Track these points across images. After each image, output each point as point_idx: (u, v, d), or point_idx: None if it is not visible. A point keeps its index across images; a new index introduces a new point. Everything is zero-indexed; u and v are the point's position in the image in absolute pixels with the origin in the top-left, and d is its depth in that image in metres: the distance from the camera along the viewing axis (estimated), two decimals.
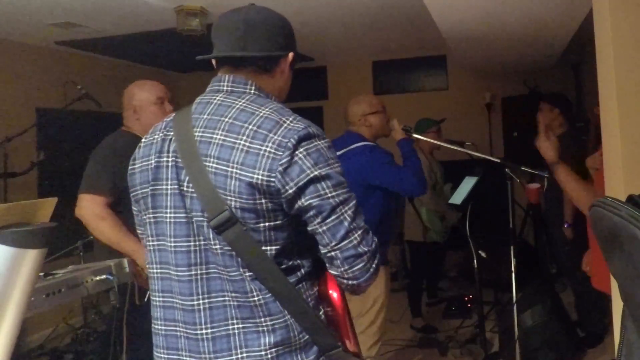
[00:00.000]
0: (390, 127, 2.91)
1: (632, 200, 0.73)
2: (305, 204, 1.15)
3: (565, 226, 3.56)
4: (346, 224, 1.17)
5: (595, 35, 1.85)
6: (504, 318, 3.49)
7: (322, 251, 1.20)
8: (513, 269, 2.87)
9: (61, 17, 3.92)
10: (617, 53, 1.64)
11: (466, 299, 4.61)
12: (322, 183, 1.16)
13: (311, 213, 1.16)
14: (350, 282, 1.21)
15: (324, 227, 1.17)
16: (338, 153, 3.25)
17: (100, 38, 4.55)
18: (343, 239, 1.17)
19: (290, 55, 1.35)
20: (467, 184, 3.48)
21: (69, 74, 4.76)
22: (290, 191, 1.14)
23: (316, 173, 1.15)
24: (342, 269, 1.19)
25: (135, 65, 5.92)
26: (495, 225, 4.16)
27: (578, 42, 4.32)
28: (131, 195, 1.34)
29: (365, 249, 1.19)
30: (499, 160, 2.97)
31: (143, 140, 1.34)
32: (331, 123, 6.27)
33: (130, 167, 1.34)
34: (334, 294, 1.26)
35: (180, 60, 5.85)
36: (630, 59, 1.63)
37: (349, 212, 1.18)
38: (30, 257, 1.45)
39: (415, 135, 2.98)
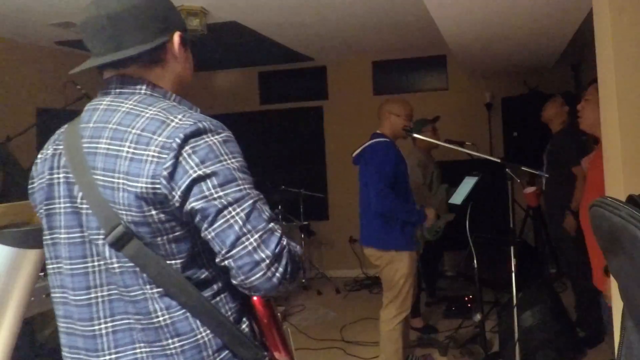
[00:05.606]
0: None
1: (632, 200, 0.73)
2: (189, 208, 1.01)
3: (567, 212, 3.57)
4: (237, 227, 1.01)
5: (595, 35, 1.85)
6: (504, 318, 3.49)
7: (216, 260, 1.05)
8: (513, 269, 2.87)
9: (61, 17, 3.92)
10: (617, 53, 1.64)
11: (466, 299, 4.61)
12: (208, 182, 1.01)
13: (197, 218, 1.02)
14: (252, 292, 1.06)
15: (212, 233, 1.02)
16: (359, 150, 3.30)
17: None
18: (234, 245, 1.01)
19: (177, 35, 1.17)
20: (467, 184, 3.48)
21: (69, 74, 4.75)
22: (177, 197, 1.01)
23: (200, 172, 1.01)
24: (239, 279, 1.03)
25: None
26: (495, 225, 4.16)
27: (578, 42, 4.32)
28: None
29: (264, 255, 1.02)
30: (499, 161, 2.98)
31: (39, 155, 1.20)
32: (331, 123, 6.27)
33: (29, 187, 1.20)
34: (258, 304, 1.16)
35: None
36: (630, 59, 1.63)
37: (241, 213, 1.02)
38: (30, 257, 1.45)
39: (415, 135, 3.05)
